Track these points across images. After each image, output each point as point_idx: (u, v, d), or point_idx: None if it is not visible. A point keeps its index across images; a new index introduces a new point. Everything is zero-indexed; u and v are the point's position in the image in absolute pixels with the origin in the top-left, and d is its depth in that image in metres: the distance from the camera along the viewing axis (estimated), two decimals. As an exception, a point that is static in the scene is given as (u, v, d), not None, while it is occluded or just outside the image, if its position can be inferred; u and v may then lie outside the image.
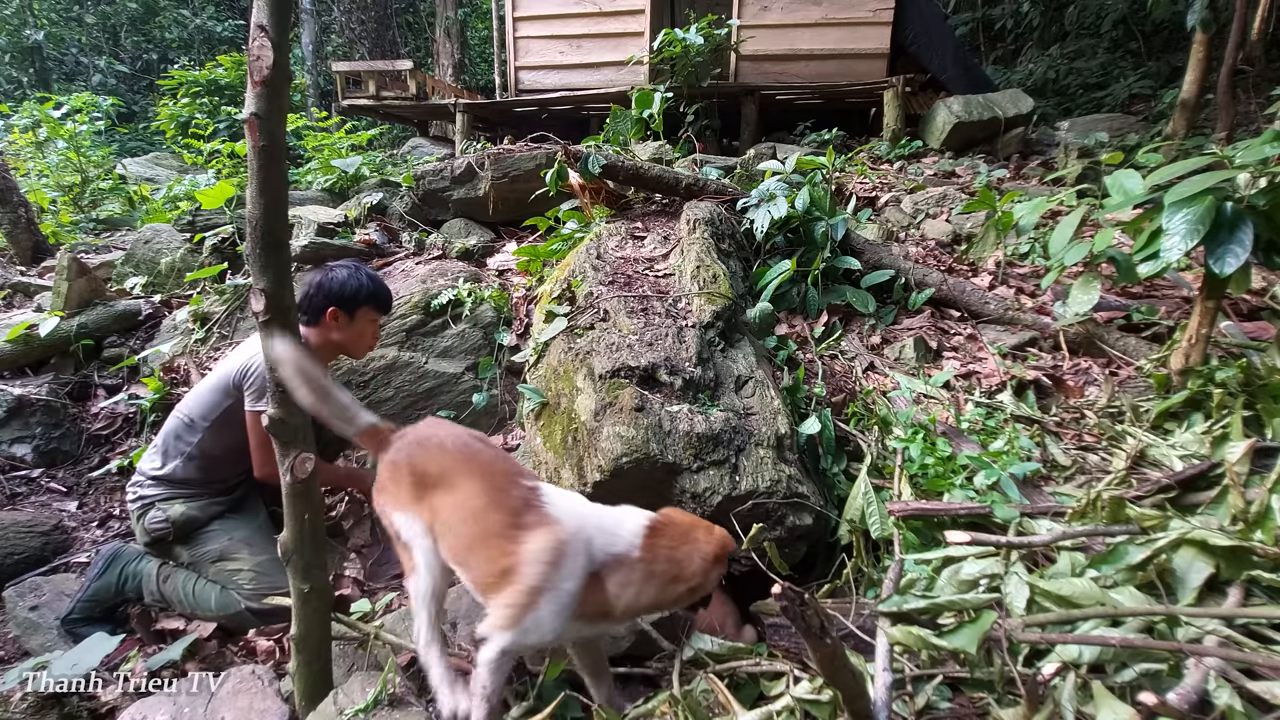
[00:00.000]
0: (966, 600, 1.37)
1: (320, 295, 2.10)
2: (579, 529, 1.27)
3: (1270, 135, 1.83)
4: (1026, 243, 3.27)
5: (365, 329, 2.20)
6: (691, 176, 3.33)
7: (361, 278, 2.15)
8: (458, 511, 1.33)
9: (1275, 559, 1.32)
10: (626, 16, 6.64)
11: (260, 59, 1.12)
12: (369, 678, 1.51)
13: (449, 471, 1.38)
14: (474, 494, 1.33)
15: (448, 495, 1.36)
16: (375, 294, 2.17)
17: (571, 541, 1.24)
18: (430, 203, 4.34)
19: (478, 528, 1.30)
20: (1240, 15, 4.90)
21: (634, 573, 1.25)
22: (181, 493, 2.10)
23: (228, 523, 2.13)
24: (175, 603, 2.09)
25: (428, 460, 1.41)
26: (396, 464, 1.44)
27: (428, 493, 1.39)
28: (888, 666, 1.17)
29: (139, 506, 2.10)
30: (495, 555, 1.26)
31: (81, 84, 11.59)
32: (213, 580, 2.05)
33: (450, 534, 1.34)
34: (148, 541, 2.11)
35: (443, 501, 1.36)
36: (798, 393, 2.25)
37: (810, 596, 0.94)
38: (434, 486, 1.38)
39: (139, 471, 2.15)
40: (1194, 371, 2.05)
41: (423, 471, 1.40)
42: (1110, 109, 7.28)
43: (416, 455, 1.43)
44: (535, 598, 1.20)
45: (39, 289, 4.05)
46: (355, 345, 2.24)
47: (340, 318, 2.12)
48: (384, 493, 1.45)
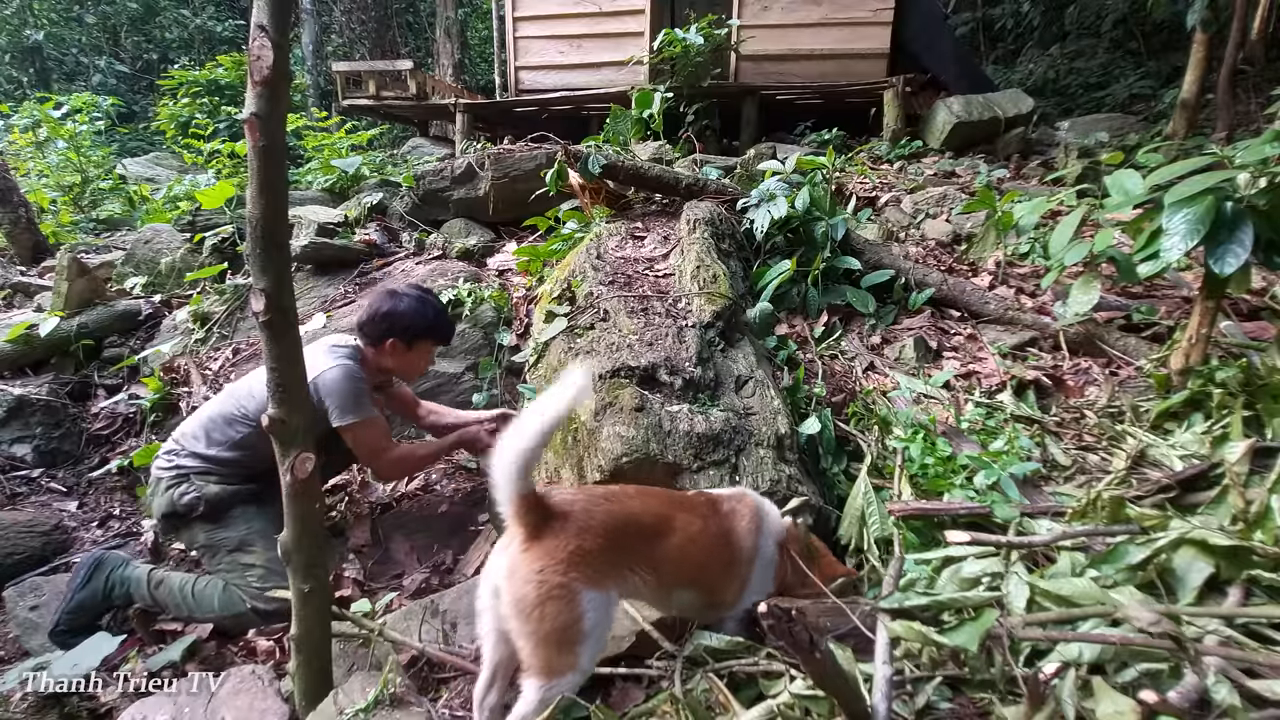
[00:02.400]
0: (967, 598, 1.37)
1: (384, 323, 2.11)
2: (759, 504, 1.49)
3: (1270, 135, 1.84)
4: (1026, 243, 3.27)
5: (420, 359, 2.24)
6: (691, 176, 3.33)
7: (427, 312, 2.16)
8: (682, 546, 1.36)
9: (1275, 559, 1.32)
10: (626, 16, 6.64)
11: (260, 59, 1.12)
12: (369, 678, 1.51)
13: (658, 517, 1.36)
14: (684, 523, 1.38)
15: (666, 539, 1.35)
16: (435, 328, 2.19)
17: (762, 512, 1.48)
18: (430, 203, 4.34)
19: (696, 547, 1.37)
20: (1240, 15, 4.91)
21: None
22: (220, 473, 2.08)
23: (249, 511, 2.11)
24: (171, 607, 2.05)
25: (629, 516, 1.33)
26: (591, 532, 1.24)
27: (638, 547, 1.31)
28: (887, 660, 1.17)
29: (174, 476, 2.06)
30: (721, 558, 1.41)
31: (81, 84, 11.58)
32: (222, 572, 2.02)
33: (673, 568, 1.35)
34: (167, 513, 2.06)
35: (662, 546, 1.34)
36: (798, 393, 2.25)
37: (797, 612, 0.94)
38: (650, 539, 1.34)
39: (179, 441, 2.11)
40: (1194, 371, 2.05)
41: (624, 529, 1.30)
42: (1110, 109, 7.27)
43: (615, 515, 1.31)
44: (749, 569, 1.42)
45: (39, 289, 4.05)
46: (408, 372, 2.29)
47: (398, 348, 2.14)
48: (574, 570, 1.20)
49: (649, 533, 1.33)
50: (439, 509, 2.55)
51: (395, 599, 2.08)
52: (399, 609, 1.91)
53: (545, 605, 1.18)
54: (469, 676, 1.55)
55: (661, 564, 1.32)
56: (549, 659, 1.19)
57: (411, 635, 1.66)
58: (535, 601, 1.18)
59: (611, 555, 1.25)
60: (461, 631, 1.72)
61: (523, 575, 1.19)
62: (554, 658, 1.19)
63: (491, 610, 1.28)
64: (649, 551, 1.32)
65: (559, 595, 1.18)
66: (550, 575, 1.18)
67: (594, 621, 1.21)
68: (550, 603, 1.18)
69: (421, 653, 1.61)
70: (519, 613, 1.19)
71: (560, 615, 1.18)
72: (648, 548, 1.32)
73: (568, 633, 1.19)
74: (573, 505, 1.27)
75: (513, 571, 1.21)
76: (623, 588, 1.29)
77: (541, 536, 1.22)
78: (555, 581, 1.18)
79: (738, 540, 1.43)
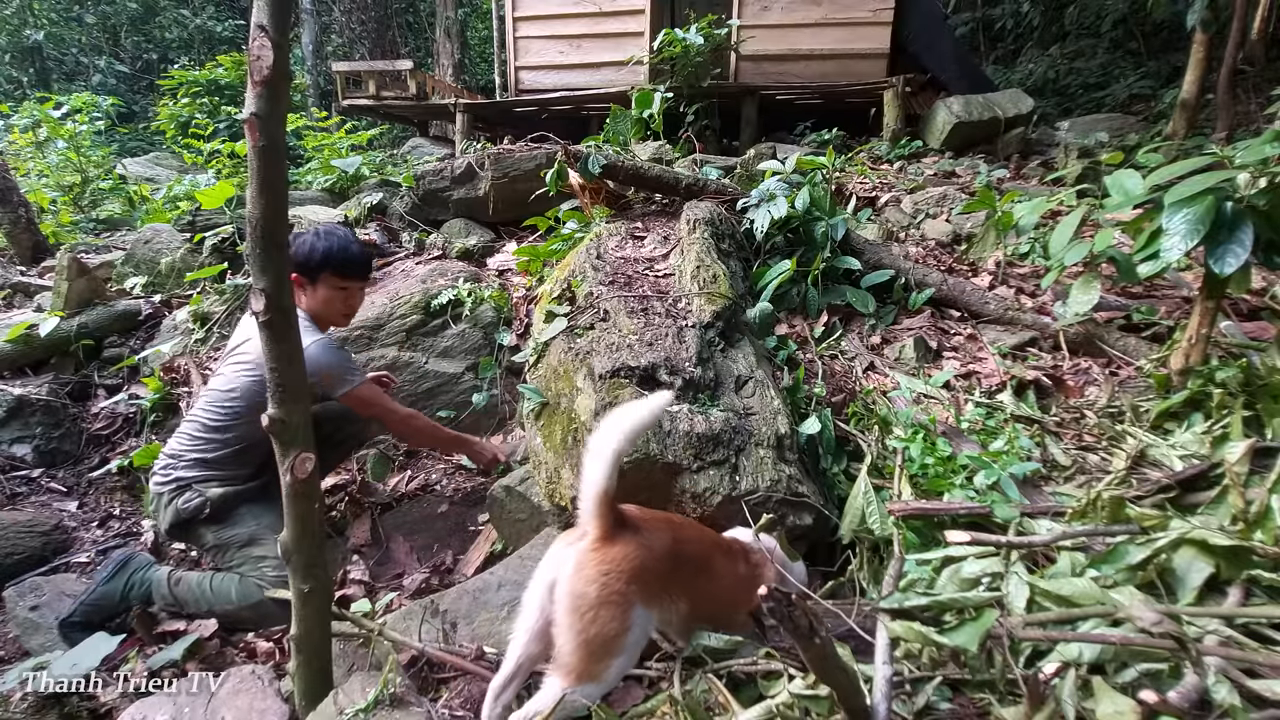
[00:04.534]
0: (968, 599, 1.37)
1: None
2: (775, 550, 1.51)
3: (1270, 135, 1.83)
4: (1026, 243, 3.27)
5: (331, 296, 2.13)
6: (691, 176, 3.33)
7: (318, 242, 2.07)
8: (720, 586, 1.40)
9: (1275, 559, 1.32)
10: (626, 16, 6.64)
11: (260, 59, 1.12)
12: (369, 678, 1.51)
13: (704, 554, 1.40)
14: (723, 565, 1.42)
15: (709, 577, 1.38)
16: (330, 256, 2.07)
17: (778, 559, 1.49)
18: (430, 203, 4.34)
19: (731, 588, 1.41)
20: (1240, 15, 4.91)
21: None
22: (221, 475, 2.08)
23: (255, 508, 2.10)
24: (189, 602, 2.04)
25: (688, 545, 1.36)
26: (654, 551, 1.26)
27: (686, 578, 1.33)
28: (887, 660, 1.17)
29: (173, 489, 2.05)
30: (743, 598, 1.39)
31: (81, 84, 11.58)
32: (235, 567, 2.02)
33: (707, 604, 1.38)
34: (174, 523, 2.06)
35: (703, 582, 1.37)
36: (798, 393, 2.25)
37: (797, 598, 0.94)
38: (696, 572, 1.37)
39: (172, 455, 2.10)
40: (1194, 371, 2.05)
41: (680, 557, 1.32)
42: (1110, 109, 7.28)
43: (681, 541, 1.34)
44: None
45: (39, 289, 4.05)
46: (325, 314, 2.15)
47: (303, 284, 2.07)
48: (636, 582, 1.21)
49: (697, 567, 1.36)
50: (439, 509, 2.55)
51: (395, 599, 2.08)
52: (399, 609, 1.91)
53: (600, 609, 1.17)
54: (469, 676, 1.55)
55: (699, 598, 1.34)
56: (584, 663, 1.18)
57: (411, 635, 1.66)
58: (594, 602, 1.17)
59: (666, 579, 1.27)
60: (461, 631, 1.72)
61: (588, 574, 1.19)
62: (589, 663, 1.18)
63: (539, 602, 1.26)
64: (693, 584, 1.34)
65: (616, 602, 1.18)
66: (614, 581, 1.18)
67: (635, 639, 1.21)
68: (606, 607, 1.17)
69: (421, 653, 1.61)
70: (573, 608, 1.19)
71: (611, 622, 1.18)
72: (693, 581, 1.34)
73: (611, 642, 1.18)
74: (643, 521, 1.29)
75: (580, 567, 1.20)
76: (661, 613, 1.29)
77: (614, 541, 1.22)
78: (616, 588, 1.18)
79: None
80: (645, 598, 1.21)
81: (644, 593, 1.21)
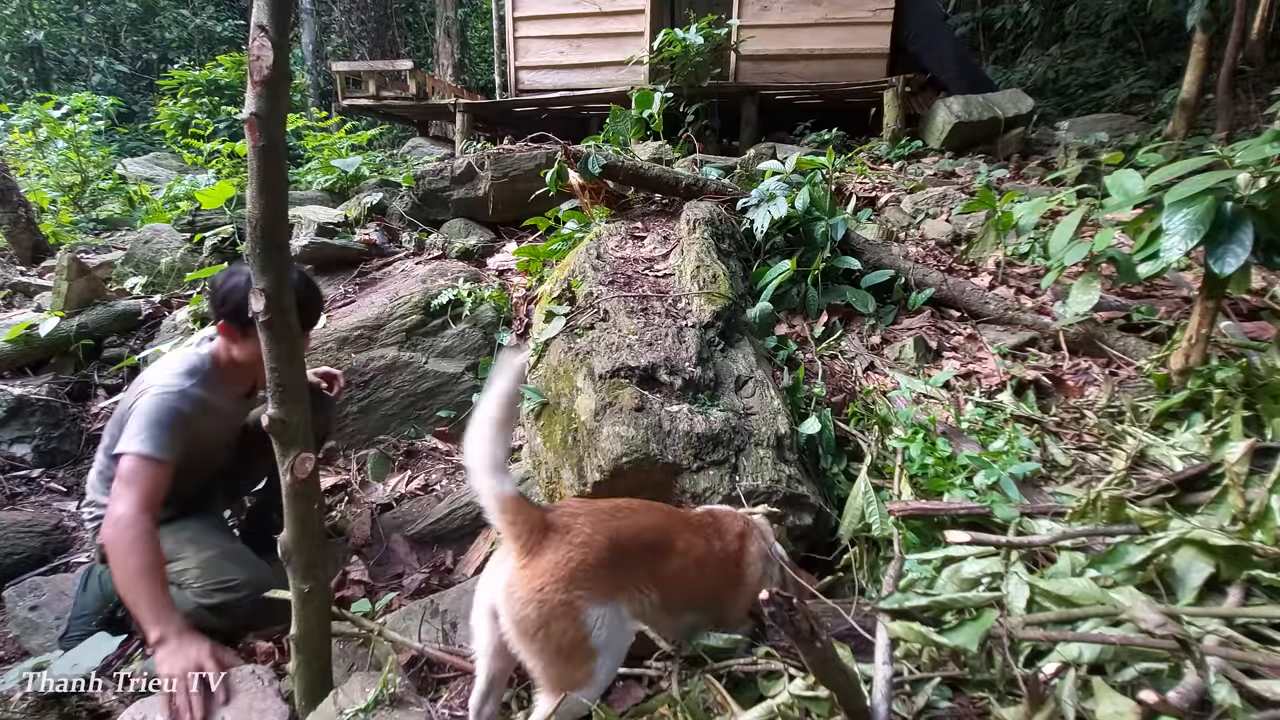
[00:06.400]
0: (967, 599, 1.37)
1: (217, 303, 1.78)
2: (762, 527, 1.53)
3: (1270, 135, 1.83)
4: (1026, 243, 3.27)
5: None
6: (691, 176, 3.33)
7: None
8: (690, 568, 1.33)
9: (1275, 559, 1.32)
10: (626, 16, 6.65)
11: (260, 59, 1.12)
12: (369, 678, 1.51)
13: (659, 536, 1.32)
14: (689, 545, 1.35)
15: (672, 558, 1.30)
16: None
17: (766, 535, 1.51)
18: (430, 203, 4.34)
19: (705, 569, 1.36)
20: (1240, 15, 4.91)
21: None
22: None
23: (172, 525, 2.01)
24: None
25: (636, 531, 1.27)
26: (592, 547, 1.17)
27: (644, 564, 1.26)
28: (887, 660, 1.17)
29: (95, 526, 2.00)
30: (727, 576, 1.42)
31: (81, 84, 11.58)
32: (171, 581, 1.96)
33: (680, 589, 1.31)
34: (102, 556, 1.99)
35: (668, 566, 1.29)
36: (798, 393, 2.25)
37: (799, 600, 0.94)
38: (656, 556, 1.29)
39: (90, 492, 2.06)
40: (1194, 371, 2.05)
41: (629, 546, 1.23)
42: (1110, 109, 7.28)
43: (621, 529, 1.24)
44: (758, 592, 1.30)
45: (39, 289, 4.04)
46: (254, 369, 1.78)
47: (232, 333, 1.78)
48: (577, 586, 1.12)
49: (656, 550, 1.29)
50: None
51: (395, 599, 2.07)
52: (399, 609, 1.91)
53: (548, 625, 1.11)
54: (469, 676, 1.55)
55: (668, 584, 1.28)
56: (560, 677, 1.15)
57: (411, 635, 1.66)
58: (537, 623, 1.11)
59: (616, 570, 1.19)
60: (461, 631, 1.72)
61: (521, 595, 1.12)
62: (566, 674, 1.14)
63: (488, 628, 1.21)
64: (655, 569, 1.27)
65: (561, 614, 1.11)
66: (551, 594, 1.11)
67: (604, 638, 1.15)
68: (554, 622, 1.11)
69: (421, 653, 1.61)
70: (521, 635, 1.13)
71: (566, 634, 1.11)
72: (655, 565, 1.27)
73: (575, 651, 1.13)
74: (575, 518, 1.21)
75: (510, 591, 1.13)
76: (630, 606, 1.23)
77: (540, 551, 1.14)
78: (556, 600, 1.11)
79: (747, 564, 1.44)
80: (595, 596, 1.14)
81: (591, 592, 1.14)
